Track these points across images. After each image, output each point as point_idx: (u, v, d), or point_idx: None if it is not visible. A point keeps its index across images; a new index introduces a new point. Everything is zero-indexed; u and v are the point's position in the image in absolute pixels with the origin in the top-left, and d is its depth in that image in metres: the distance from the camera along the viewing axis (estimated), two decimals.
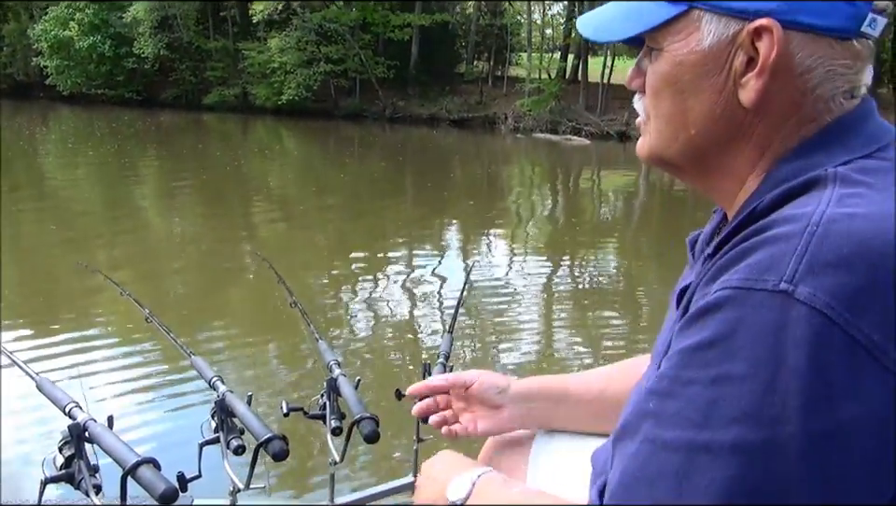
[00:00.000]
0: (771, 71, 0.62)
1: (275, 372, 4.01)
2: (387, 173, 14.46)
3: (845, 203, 0.56)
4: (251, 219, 9.13)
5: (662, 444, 0.55)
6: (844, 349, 0.51)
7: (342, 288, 5.99)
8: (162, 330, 1.65)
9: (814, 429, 0.51)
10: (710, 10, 0.64)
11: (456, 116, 27.05)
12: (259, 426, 1.36)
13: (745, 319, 0.53)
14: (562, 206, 12.07)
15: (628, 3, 0.70)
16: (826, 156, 0.62)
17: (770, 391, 0.51)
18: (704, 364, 0.55)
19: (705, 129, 0.67)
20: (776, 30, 0.61)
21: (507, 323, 5.11)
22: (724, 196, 0.71)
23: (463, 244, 8.15)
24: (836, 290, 0.52)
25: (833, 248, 0.53)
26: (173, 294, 5.53)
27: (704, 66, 0.65)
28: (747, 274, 0.55)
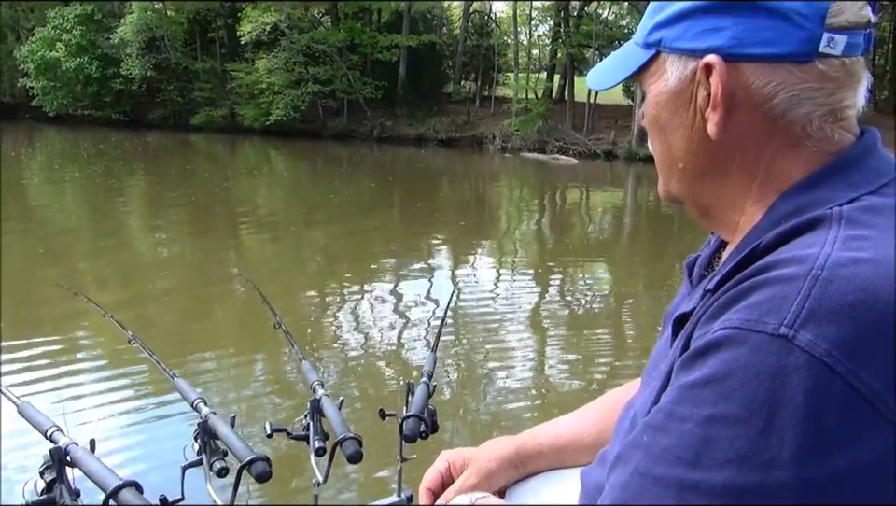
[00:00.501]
0: (726, 104, 0.64)
1: (259, 393, 3.98)
2: (376, 192, 14.49)
3: (850, 246, 0.55)
4: (239, 240, 9.11)
5: (653, 479, 0.55)
6: (843, 399, 0.50)
7: (328, 307, 5.98)
8: (145, 351, 1.64)
9: (808, 477, 0.50)
10: (671, 52, 0.68)
11: (444, 136, 27.20)
12: (242, 447, 1.35)
13: (742, 361, 0.53)
14: (550, 225, 12.12)
15: (622, 52, 0.74)
16: (829, 192, 0.62)
17: (765, 436, 0.51)
18: (699, 402, 0.54)
19: (689, 162, 0.70)
20: (717, 65, 0.63)
21: (495, 341, 5.11)
22: (730, 228, 0.71)
23: (451, 263, 8.16)
24: (839, 339, 0.51)
25: (837, 295, 0.52)
26: (158, 315, 5.50)
27: (674, 104, 0.68)
28: (747, 314, 0.54)
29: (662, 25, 0.68)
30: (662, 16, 0.68)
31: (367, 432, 1.40)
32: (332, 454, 1.36)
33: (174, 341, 4.83)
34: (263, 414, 3.59)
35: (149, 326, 5.13)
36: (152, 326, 5.16)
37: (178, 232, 9.34)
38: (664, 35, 0.68)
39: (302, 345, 4.72)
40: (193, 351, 4.62)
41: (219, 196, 12.69)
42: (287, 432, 1.44)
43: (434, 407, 1.40)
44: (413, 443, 1.35)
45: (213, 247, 8.33)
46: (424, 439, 1.35)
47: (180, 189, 13.54)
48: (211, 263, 7.37)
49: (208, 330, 5.20)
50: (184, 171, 17.05)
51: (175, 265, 7.50)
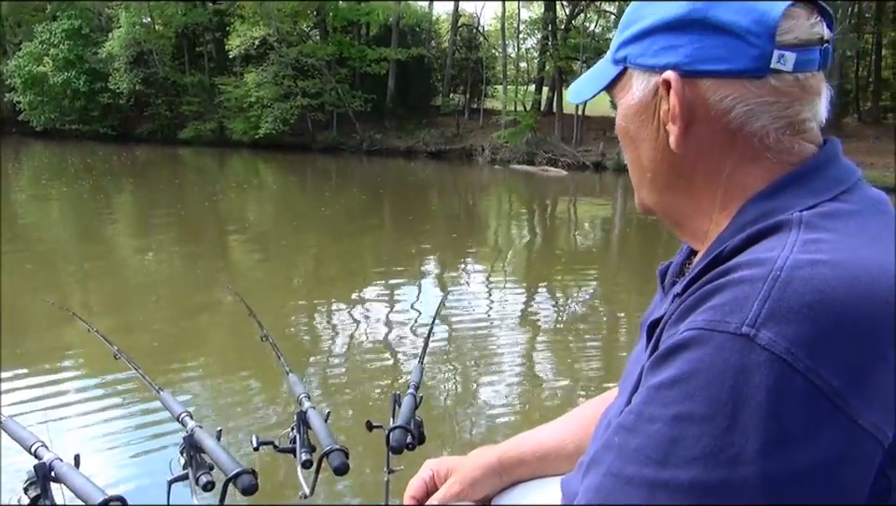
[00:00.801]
0: (684, 117, 0.67)
1: (246, 406, 3.96)
2: (366, 205, 14.49)
3: (808, 248, 0.57)
4: (228, 253, 9.08)
5: (624, 479, 0.57)
6: (804, 395, 0.52)
7: (317, 320, 5.96)
8: (131, 366, 1.64)
9: (771, 473, 0.52)
10: (635, 67, 0.71)
11: (434, 148, 27.27)
12: (228, 460, 1.35)
13: (706, 360, 0.55)
14: (539, 236, 12.15)
15: (597, 67, 0.78)
16: (791, 199, 0.64)
17: (729, 433, 0.53)
18: (666, 402, 0.56)
19: (656, 172, 0.73)
20: (674, 81, 0.66)
21: (484, 352, 5.11)
22: (699, 236, 0.73)
23: (440, 274, 8.17)
24: (797, 337, 0.52)
25: (796, 295, 0.54)
26: (145, 329, 5.46)
27: (640, 116, 0.72)
28: (711, 315, 0.56)
29: (627, 42, 0.72)
30: (627, 33, 0.72)
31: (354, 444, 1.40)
32: (319, 466, 1.35)
33: (161, 355, 4.81)
34: (250, 428, 3.57)
35: (136, 340, 5.09)
36: (139, 340, 5.12)
37: (167, 247, 9.29)
38: (629, 51, 0.72)
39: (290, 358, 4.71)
40: (180, 364, 4.60)
41: (209, 210, 12.65)
42: (274, 445, 1.44)
43: (421, 418, 1.40)
44: (400, 455, 1.35)
45: (202, 261, 8.29)
46: (411, 450, 1.35)
47: (169, 203, 13.49)
48: (200, 277, 7.34)
49: (195, 343, 5.17)
50: (173, 185, 16.99)
51: (163, 279, 7.46)
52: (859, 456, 0.53)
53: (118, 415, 3.70)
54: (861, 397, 0.52)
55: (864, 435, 0.52)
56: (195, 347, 5.06)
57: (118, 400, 3.88)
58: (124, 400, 3.85)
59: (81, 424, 3.62)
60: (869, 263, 0.56)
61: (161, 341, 5.19)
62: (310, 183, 19.29)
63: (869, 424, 0.52)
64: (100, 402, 3.88)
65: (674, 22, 0.67)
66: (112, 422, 3.63)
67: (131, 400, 3.82)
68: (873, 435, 0.53)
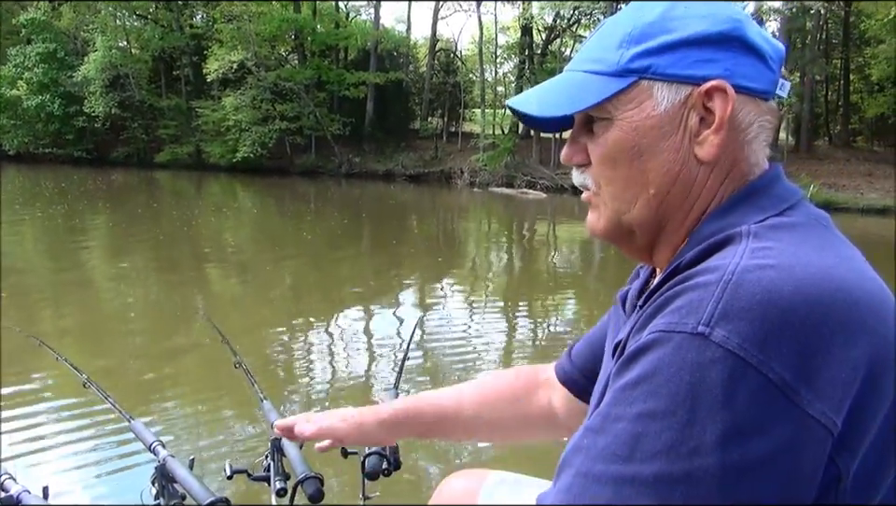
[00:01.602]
0: (727, 126, 0.71)
1: (221, 434, 3.89)
2: (344, 229, 14.46)
3: (757, 255, 0.62)
4: (205, 279, 8.99)
5: (592, 478, 0.59)
6: (757, 388, 0.55)
7: (294, 345, 5.91)
8: (101, 394, 1.61)
9: (729, 462, 0.55)
10: (662, 78, 0.72)
11: (412, 171, 27.38)
12: (201, 490, 1.33)
13: (666, 359, 0.58)
14: (519, 258, 12.20)
15: (567, 81, 0.77)
16: (741, 216, 0.69)
17: (689, 426, 0.56)
18: (630, 401, 0.59)
19: (664, 188, 0.74)
20: (729, 89, 0.70)
21: (462, 375, 5.09)
22: (667, 256, 0.77)
23: (419, 298, 8.15)
24: (749, 333, 0.56)
25: (746, 296, 0.58)
26: (118, 356, 5.37)
27: (661, 129, 0.72)
28: (670, 318, 0.60)
29: (647, 54, 0.72)
30: (647, 45, 0.72)
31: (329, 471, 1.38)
32: (294, 494, 1.34)
33: (133, 382, 4.72)
34: (224, 456, 3.51)
35: (109, 367, 5.00)
36: (112, 367, 5.03)
37: (143, 272, 9.18)
38: (652, 62, 0.72)
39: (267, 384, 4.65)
40: (152, 392, 4.51)
41: (185, 234, 12.53)
42: (248, 473, 1.42)
43: (397, 443, 1.38)
44: (376, 481, 1.34)
45: (178, 287, 8.20)
46: (387, 476, 1.34)
47: (146, 227, 13.35)
48: (175, 303, 7.25)
49: (168, 370, 5.08)
50: (150, 209, 16.83)
51: (138, 306, 7.36)
52: (810, 444, 0.56)
53: (88, 445, 3.61)
54: (810, 388, 0.56)
55: (815, 424, 0.56)
56: (169, 375, 4.97)
57: (88, 429, 3.79)
58: (95, 430, 3.76)
59: (50, 454, 3.53)
60: (812, 268, 0.60)
61: (133, 368, 5.10)
62: (289, 207, 19.22)
63: (819, 413, 0.56)
64: (69, 431, 3.79)
65: (713, 37, 0.71)
66: (82, 452, 3.54)
67: (101, 430, 3.74)
68: (823, 424, 0.56)
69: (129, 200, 18.81)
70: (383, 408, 1.12)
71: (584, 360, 1.07)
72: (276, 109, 27.19)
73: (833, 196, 20.49)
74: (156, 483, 1.41)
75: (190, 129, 29.52)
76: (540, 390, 1.15)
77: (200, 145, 29.18)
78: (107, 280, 8.68)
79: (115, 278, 8.79)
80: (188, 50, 30.30)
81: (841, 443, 0.58)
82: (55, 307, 7.09)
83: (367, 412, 1.12)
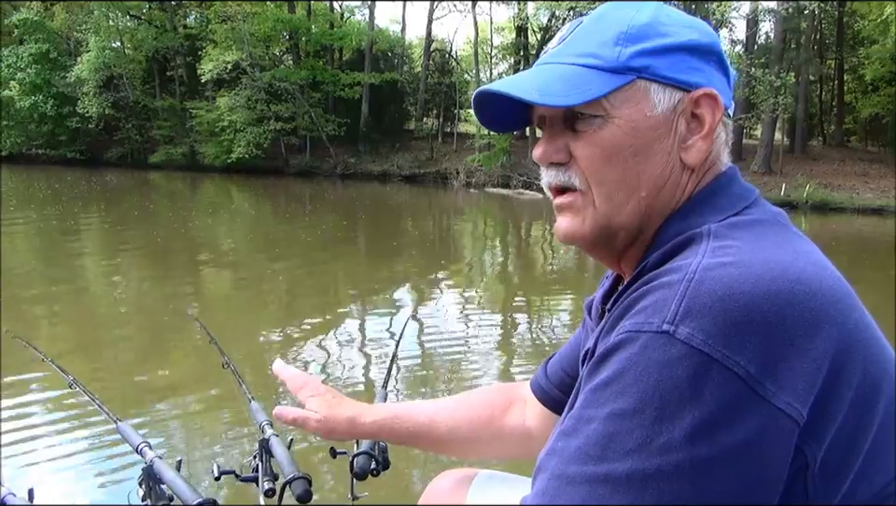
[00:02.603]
0: (714, 133, 0.75)
1: (209, 435, 3.87)
2: (339, 230, 14.44)
3: (717, 253, 0.63)
4: (199, 280, 8.96)
5: (567, 479, 0.60)
6: (723, 382, 0.57)
7: (287, 345, 5.88)
8: (87, 396, 1.59)
9: (698, 456, 0.56)
10: (658, 80, 0.73)
11: (408, 172, 27.39)
12: (188, 491, 1.32)
13: (634, 359, 0.60)
14: (515, 258, 12.20)
15: (565, 73, 0.74)
16: (700, 217, 0.72)
17: (658, 423, 0.57)
18: (601, 402, 0.61)
19: (654, 191, 0.74)
20: (719, 98, 0.73)
21: (456, 375, 5.08)
22: (635, 259, 0.78)
23: (414, 299, 8.13)
24: (712, 329, 0.57)
25: (708, 293, 0.59)
26: (107, 358, 5.33)
27: (656, 131, 0.73)
28: (636, 319, 0.62)
29: (647, 54, 0.72)
30: (645, 45, 0.72)
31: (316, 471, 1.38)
32: (282, 495, 1.33)
33: (122, 383, 4.69)
34: (212, 457, 3.49)
35: (98, 369, 4.98)
36: (102, 368, 5.01)
37: (136, 273, 9.14)
38: (651, 63, 0.72)
39: (260, 385, 4.64)
40: (142, 393, 4.48)
41: (180, 236, 12.49)
42: (236, 474, 1.41)
43: (386, 443, 1.38)
44: (365, 481, 1.33)
45: (171, 289, 8.17)
46: (375, 476, 1.34)
47: (140, 229, 13.30)
48: (169, 305, 7.23)
49: (158, 371, 5.04)
50: (144, 210, 16.78)
51: (130, 306, 7.33)
52: (778, 435, 0.58)
53: (74, 447, 3.57)
54: (774, 380, 0.57)
55: (781, 415, 0.57)
56: (158, 376, 4.94)
57: (74, 431, 3.76)
58: (81, 432, 3.73)
59: (36, 456, 3.50)
60: (771, 263, 0.62)
61: (123, 369, 5.07)
62: (284, 208, 19.18)
63: (784, 404, 0.57)
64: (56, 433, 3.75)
65: (700, 47, 0.74)
66: (68, 454, 3.50)
67: (88, 431, 3.71)
68: (789, 415, 0.58)
69: (123, 201, 18.74)
70: (365, 412, 1.12)
71: (559, 376, 1.07)
72: (271, 110, 27.18)
73: (829, 196, 20.54)
74: (143, 484, 1.40)
75: (185, 129, 29.49)
76: (515, 408, 1.15)
77: (194, 145, 29.14)
78: (101, 281, 8.65)
79: (108, 280, 8.76)
80: (181, 51, 30.26)
81: (807, 432, 0.59)
82: (48, 308, 7.06)
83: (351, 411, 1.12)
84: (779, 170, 23.29)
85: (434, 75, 32.91)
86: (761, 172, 23.14)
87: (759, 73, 20.43)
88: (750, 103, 22.31)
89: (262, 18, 27.48)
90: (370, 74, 28.96)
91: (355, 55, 31.86)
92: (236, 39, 26.89)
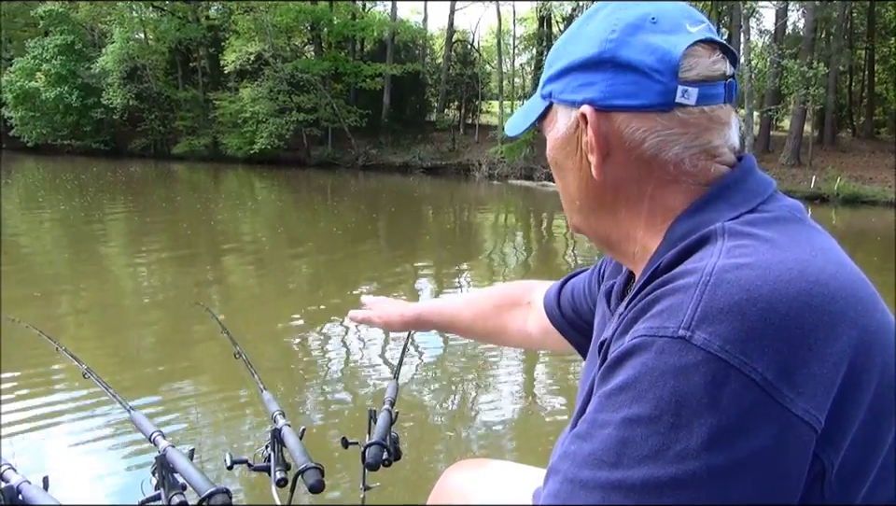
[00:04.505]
0: (601, 148, 0.73)
1: (221, 424, 3.90)
2: (361, 221, 14.48)
3: (733, 253, 0.62)
4: (221, 271, 9.03)
5: (580, 484, 0.60)
6: (740, 389, 0.55)
7: (306, 336, 5.91)
8: (101, 385, 1.59)
9: (715, 464, 0.55)
10: (558, 102, 0.77)
11: (429, 163, 27.38)
12: (201, 480, 1.31)
13: (650, 364, 0.58)
14: (536, 251, 12.16)
15: (529, 103, 0.85)
16: (714, 214, 0.70)
17: (674, 430, 0.56)
18: (616, 407, 0.60)
19: (582, 200, 0.79)
20: (589, 115, 0.72)
21: (478, 366, 5.06)
22: (628, 257, 0.80)
23: (436, 290, 8.14)
24: (729, 335, 0.56)
25: (725, 297, 0.58)
26: (124, 348, 5.39)
27: (565, 148, 0.78)
28: (651, 323, 0.60)
29: (552, 79, 0.78)
30: (552, 71, 0.78)
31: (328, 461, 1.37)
32: (294, 484, 1.33)
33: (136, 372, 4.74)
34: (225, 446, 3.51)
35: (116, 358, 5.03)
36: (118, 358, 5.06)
37: (162, 265, 9.23)
38: (553, 87, 0.78)
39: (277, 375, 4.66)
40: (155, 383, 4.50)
41: (203, 227, 12.60)
42: (248, 463, 1.42)
43: (397, 434, 1.39)
44: (377, 471, 1.33)
45: (194, 279, 8.24)
46: (387, 466, 1.34)
47: (168, 220, 13.45)
48: (191, 295, 7.29)
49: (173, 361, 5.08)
50: (171, 201, 16.95)
51: (152, 296, 7.42)
52: (795, 443, 0.57)
53: (89, 435, 3.61)
54: (793, 387, 0.56)
55: (799, 422, 0.56)
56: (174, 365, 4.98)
57: (89, 419, 3.80)
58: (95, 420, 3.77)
59: (51, 445, 3.54)
60: (789, 263, 0.60)
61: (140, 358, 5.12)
62: (306, 199, 19.28)
63: (802, 411, 0.56)
64: (70, 422, 3.80)
65: (589, 61, 0.73)
66: (82, 442, 3.54)
67: (101, 420, 3.75)
68: (806, 422, 0.56)
69: (151, 193, 18.96)
70: (410, 309, 1.42)
71: (569, 307, 1.17)
72: (293, 101, 27.30)
73: (861, 189, 20.15)
74: (156, 473, 1.40)
75: (207, 120, 29.73)
76: (518, 310, 1.31)
77: (217, 136, 29.38)
78: (124, 273, 8.75)
79: (131, 270, 8.87)
80: (204, 42, 30.47)
81: (825, 439, 0.58)
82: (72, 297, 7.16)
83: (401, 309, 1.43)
84: (809, 162, 22.92)
85: (456, 66, 32.83)
86: (790, 164, 22.78)
87: (790, 63, 20.04)
88: (779, 94, 21.95)
89: (285, 9, 27.55)
90: (391, 65, 28.96)
91: (376, 46, 31.87)
92: (258, 30, 27.01)
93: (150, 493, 1.39)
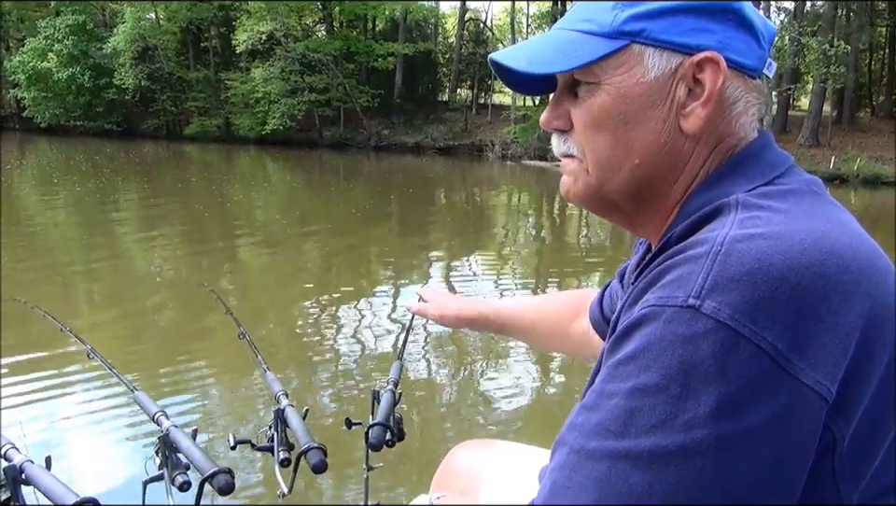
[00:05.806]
0: (715, 100, 0.69)
1: (224, 404, 3.93)
2: (374, 202, 14.47)
3: (746, 224, 0.61)
4: (233, 252, 9.06)
5: (587, 454, 0.59)
6: (749, 358, 0.55)
7: (318, 316, 5.92)
8: (105, 365, 1.59)
9: (723, 433, 0.54)
10: (653, 44, 0.69)
11: (442, 144, 27.29)
12: (204, 460, 1.31)
13: (658, 333, 0.58)
14: (549, 231, 12.12)
15: (559, 38, 0.74)
16: (730, 186, 0.69)
17: (682, 399, 0.55)
18: (624, 377, 0.59)
19: (649, 158, 0.72)
20: (721, 62, 0.68)
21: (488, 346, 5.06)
22: (653, 228, 0.77)
23: (446, 271, 8.12)
24: (739, 303, 0.56)
25: (736, 266, 0.57)
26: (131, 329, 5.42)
27: (649, 97, 0.70)
28: (661, 293, 0.60)
29: (642, 17, 0.70)
30: (640, 9, 0.70)
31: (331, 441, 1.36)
32: (297, 464, 1.33)
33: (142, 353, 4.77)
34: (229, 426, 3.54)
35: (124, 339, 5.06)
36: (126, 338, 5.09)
37: (171, 247, 9.28)
38: (646, 26, 0.69)
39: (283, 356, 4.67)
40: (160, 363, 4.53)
41: (217, 210, 12.64)
42: (252, 444, 1.42)
43: (400, 415, 1.38)
44: (380, 452, 1.34)
45: (208, 260, 8.28)
46: (390, 447, 1.34)
47: (182, 201, 13.50)
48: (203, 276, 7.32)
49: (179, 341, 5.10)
50: (185, 182, 17.00)
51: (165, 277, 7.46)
52: (805, 413, 0.56)
53: (92, 416, 3.64)
54: (803, 356, 0.55)
55: (809, 392, 0.56)
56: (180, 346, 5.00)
57: (93, 400, 3.83)
58: (99, 401, 3.80)
59: (53, 425, 3.58)
60: (802, 234, 0.59)
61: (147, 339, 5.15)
62: (319, 180, 19.30)
63: (813, 381, 0.56)
64: (74, 403, 3.83)
65: (711, 7, 0.69)
66: (86, 422, 3.57)
67: (106, 401, 3.77)
68: (817, 392, 0.56)
69: (165, 174, 19.04)
70: (468, 307, 1.36)
71: (609, 311, 1.15)
72: (305, 81, 27.23)
73: (882, 169, 19.87)
74: (159, 453, 1.40)
75: (219, 101, 29.74)
76: (581, 317, 1.29)
77: (229, 117, 29.41)
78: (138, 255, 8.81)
79: (145, 251, 8.92)
80: (216, 22, 30.39)
81: (836, 410, 0.58)
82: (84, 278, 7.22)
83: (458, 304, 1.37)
84: (827, 142, 22.60)
85: (468, 45, 32.59)
86: (808, 144, 22.49)
87: (811, 41, 19.68)
88: (798, 72, 21.61)
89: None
90: (403, 44, 28.78)
91: (388, 25, 31.66)
92: (270, 9, 26.88)
93: (154, 472, 1.40)
